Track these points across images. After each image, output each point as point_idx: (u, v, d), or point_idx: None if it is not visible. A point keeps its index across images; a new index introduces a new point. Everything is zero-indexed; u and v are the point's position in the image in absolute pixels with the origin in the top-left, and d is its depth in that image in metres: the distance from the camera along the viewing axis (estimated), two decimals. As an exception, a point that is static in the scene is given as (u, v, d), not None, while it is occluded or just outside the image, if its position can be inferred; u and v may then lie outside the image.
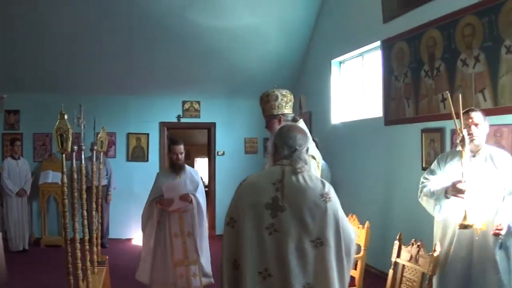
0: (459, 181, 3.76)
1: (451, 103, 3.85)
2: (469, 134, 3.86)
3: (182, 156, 5.98)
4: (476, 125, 3.93)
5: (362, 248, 5.19)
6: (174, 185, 5.83)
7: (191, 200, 5.84)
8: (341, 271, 2.96)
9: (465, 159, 3.75)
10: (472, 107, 4.18)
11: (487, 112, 5.09)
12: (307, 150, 3.21)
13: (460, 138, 3.81)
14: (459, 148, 3.90)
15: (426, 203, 4.13)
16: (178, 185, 5.85)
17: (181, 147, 5.97)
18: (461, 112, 3.78)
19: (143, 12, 8.72)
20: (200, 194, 6.08)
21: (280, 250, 2.92)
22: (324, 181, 3.13)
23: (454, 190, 3.80)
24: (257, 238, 2.95)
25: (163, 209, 5.88)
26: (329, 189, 3.04)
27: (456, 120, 3.76)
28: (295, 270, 2.89)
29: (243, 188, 3.13)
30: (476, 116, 3.95)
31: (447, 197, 3.89)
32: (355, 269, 5.27)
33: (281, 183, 2.99)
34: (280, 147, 3.13)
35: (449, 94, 4.07)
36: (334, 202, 3.00)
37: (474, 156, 3.93)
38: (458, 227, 3.71)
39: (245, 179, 3.17)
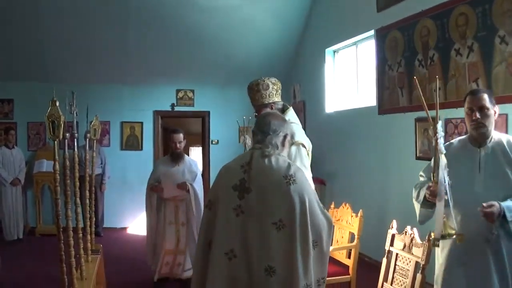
0: (431, 184, 3.26)
1: (420, 90, 3.51)
2: (472, 121, 3.26)
3: (181, 145, 6.09)
4: (481, 108, 3.24)
5: (356, 236, 5.22)
6: (172, 173, 5.97)
7: (188, 189, 5.92)
8: (306, 256, 2.93)
9: (439, 157, 3.12)
10: (478, 88, 3.80)
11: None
12: (285, 137, 3.24)
13: (434, 132, 3.18)
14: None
15: (415, 205, 3.67)
16: (176, 173, 5.97)
17: (180, 136, 6.09)
18: (436, 100, 3.19)
19: (137, 1, 8.69)
20: (198, 185, 6.15)
21: (244, 231, 2.96)
22: (292, 163, 3.14)
23: (428, 193, 3.30)
24: (226, 219, 3.01)
25: (161, 197, 6.05)
26: (296, 171, 3.03)
27: (430, 111, 3.17)
28: (258, 252, 2.92)
29: (220, 171, 3.27)
30: (480, 99, 3.26)
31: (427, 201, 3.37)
32: (349, 257, 5.31)
33: (248, 165, 3.06)
34: (255, 133, 3.24)
35: (417, 81, 3.74)
36: (300, 185, 2.99)
37: (480, 147, 3.31)
38: (432, 243, 3.26)
39: (225, 164, 3.29)
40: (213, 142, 11.04)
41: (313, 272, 2.97)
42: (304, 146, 4.59)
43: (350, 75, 8.61)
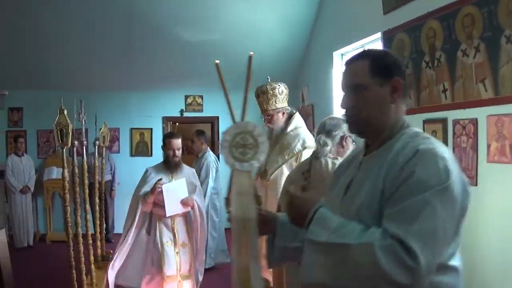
0: None
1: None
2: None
3: (179, 153, 5.32)
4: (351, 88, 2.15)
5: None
6: (174, 186, 5.20)
7: (193, 205, 5.38)
8: None
9: None
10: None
11: (488, 102, 5.12)
12: (343, 137, 3.37)
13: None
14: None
15: None
16: (181, 187, 5.23)
17: (179, 142, 5.33)
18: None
19: (144, 7, 8.73)
20: (200, 198, 5.58)
21: None
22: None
23: None
24: None
25: (155, 213, 5.32)
26: None
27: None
28: None
29: (285, 180, 3.71)
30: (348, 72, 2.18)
31: None
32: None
33: (308, 172, 3.27)
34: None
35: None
36: None
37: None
38: None
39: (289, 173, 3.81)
40: (222, 147, 11.05)
41: None
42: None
43: (357, 78, 8.58)
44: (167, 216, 5.16)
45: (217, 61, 2.41)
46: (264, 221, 2.27)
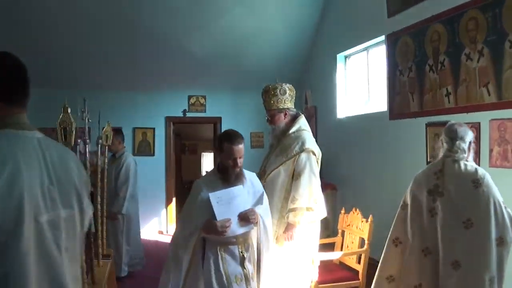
0: None
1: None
2: None
3: (241, 161, 3.91)
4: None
5: (366, 242, 5.23)
6: (231, 194, 3.77)
7: (257, 220, 3.79)
8: (489, 253, 3.39)
9: None
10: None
11: (491, 107, 5.12)
12: (470, 143, 3.79)
13: None
14: None
15: None
16: (238, 195, 3.80)
17: (241, 148, 3.90)
18: None
19: (149, 8, 8.75)
20: (266, 212, 4.01)
21: (437, 230, 3.58)
22: (479, 168, 3.66)
23: None
24: (422, 220, 3.70)
25: (210, 239, 3.76)
26: (483, 175, 3.56)
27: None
28: (447, 248, 3.51)
29: (415, 178, 3.97)
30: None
31: None
32: (359, 262, 5.31)
33: (441, 172, 3.67)
34: (444, 140, 3.84)
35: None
36: (487, 187, 3.53)
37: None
38: None
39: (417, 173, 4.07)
40: (225, 148, 11.03)
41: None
42: (314, 153, 4.64)
43: (361, 81, 8.60)
44: (229, 235, 3.66)
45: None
46: None
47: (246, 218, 3.67)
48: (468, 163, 3.62)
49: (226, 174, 3.85)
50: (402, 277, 3.79)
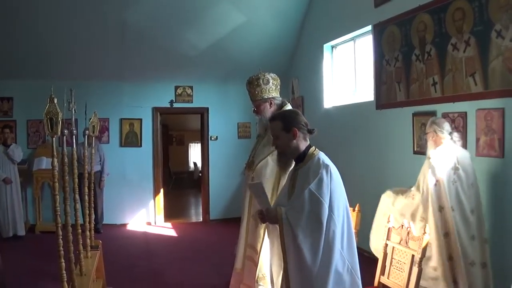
0: None
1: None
2: None
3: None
4: None
5: (353, 231, 5.23)
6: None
7: None
8: None
9: None
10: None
11: (477, 96, 5.15)
12: None
13: None
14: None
15: None
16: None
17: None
18: None
19: (137, 1, 8.70)
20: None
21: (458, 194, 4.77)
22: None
23: None
24: (449, 187, 4.73)
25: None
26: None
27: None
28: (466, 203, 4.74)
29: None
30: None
31: None
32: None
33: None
34: None
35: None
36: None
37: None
38: None
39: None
40: (212, 138, 11.04)
41: None
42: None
43: (348, 70, 8.61)
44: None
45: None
46: None
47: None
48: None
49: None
50: None
